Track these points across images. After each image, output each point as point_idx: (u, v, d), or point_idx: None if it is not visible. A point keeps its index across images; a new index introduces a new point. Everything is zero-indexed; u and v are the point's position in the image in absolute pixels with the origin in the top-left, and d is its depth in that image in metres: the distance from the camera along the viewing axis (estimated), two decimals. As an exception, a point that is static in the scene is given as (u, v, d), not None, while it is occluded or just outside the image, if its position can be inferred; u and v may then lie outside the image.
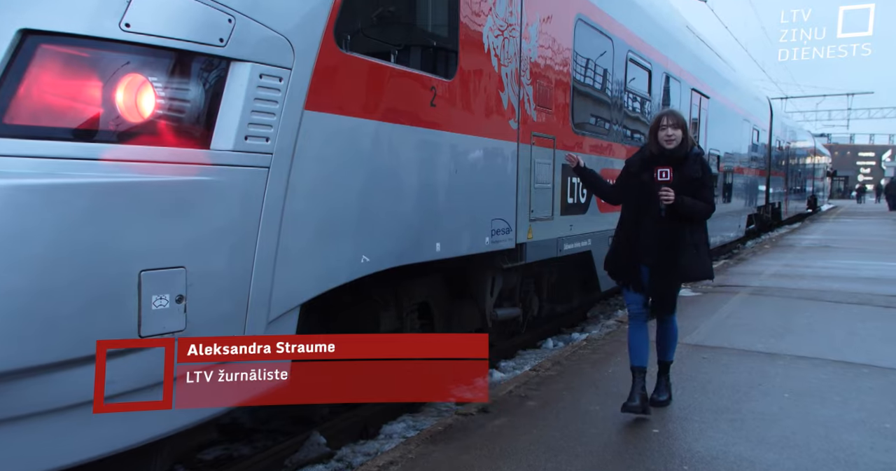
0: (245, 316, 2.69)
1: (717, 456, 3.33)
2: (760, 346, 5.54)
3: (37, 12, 2.26)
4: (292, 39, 2.78)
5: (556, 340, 6.87)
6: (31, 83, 2.25)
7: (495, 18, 4.37)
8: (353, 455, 3.96)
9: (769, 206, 18.89)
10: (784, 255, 12.79)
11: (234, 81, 2.58)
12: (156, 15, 2.40)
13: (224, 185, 2.56)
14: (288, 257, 2.82)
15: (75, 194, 2.19)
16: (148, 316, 2.34)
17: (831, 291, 8.29)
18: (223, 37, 2.53)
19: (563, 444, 3.42)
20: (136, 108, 2.40)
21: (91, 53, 2.35)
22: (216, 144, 2.55)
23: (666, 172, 3.62)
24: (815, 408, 4.06)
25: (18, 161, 2.16)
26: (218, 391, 2.35)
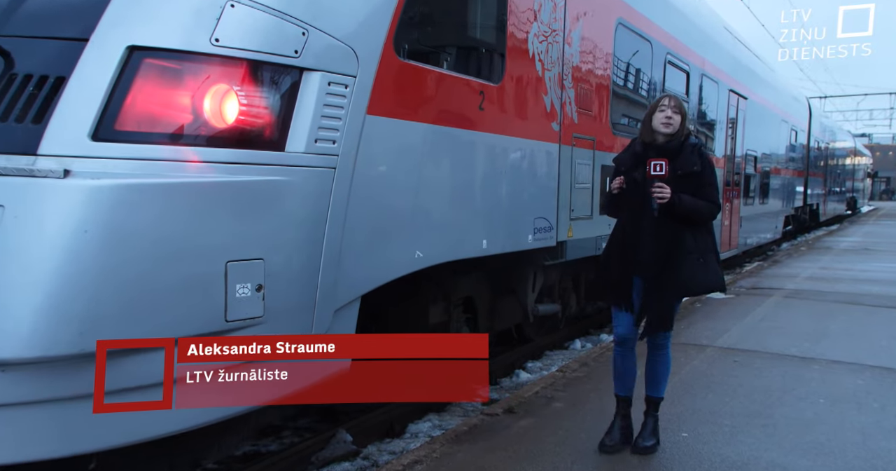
0: (314, 305, 2.90)
1: (748, 461, 3.26)
2: (795, 350, 5.41)
3: (141, 30, 2.50)
4: (357, 49, 3.00)
5: (584, 341, 6.81)
6: (137, 93, 2.48)
7: (540, 24, 4.53)
8: (378, 454, 3.97)
9: (807, 207, 18.78)
10: (821, 257, 12.48)
11: (307, 89, 2.80)
12: (241, 30, 2.63)
13: (296, 184, 2.78)
14: (351, 251, 3.03)
15: (172, 193, 2.44)
16: (233, 302, 2.57)
17: (870, 295, 8.07)
18: (297, 49, 2.76)
19: (590, 446, 3.38)
20: (222, 114, 2.62)
21: (185, 66, 2.58)
22: (290, 146, 2.76)
23: (660, 164, 3.09)
24: (852, 414, 3.95)
25: (126, 163, 2.41)
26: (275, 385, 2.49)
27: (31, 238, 2.23)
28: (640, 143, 3.31)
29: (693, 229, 3.18)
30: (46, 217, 2.24)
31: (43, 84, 2.45)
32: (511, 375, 5.62)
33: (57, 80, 2.44)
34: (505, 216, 4.33)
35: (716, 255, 3.28)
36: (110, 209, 2.30)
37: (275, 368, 2.39)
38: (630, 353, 3.36)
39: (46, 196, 2.25)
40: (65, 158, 2.35)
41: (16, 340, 2.17)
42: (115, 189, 2.32)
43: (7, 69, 2.48)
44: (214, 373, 2.30)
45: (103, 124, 2.43)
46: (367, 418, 4.35)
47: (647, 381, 3.38)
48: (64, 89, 2.42)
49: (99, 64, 2.45)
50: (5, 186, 2.25)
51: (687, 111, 3.28)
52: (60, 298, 2.21)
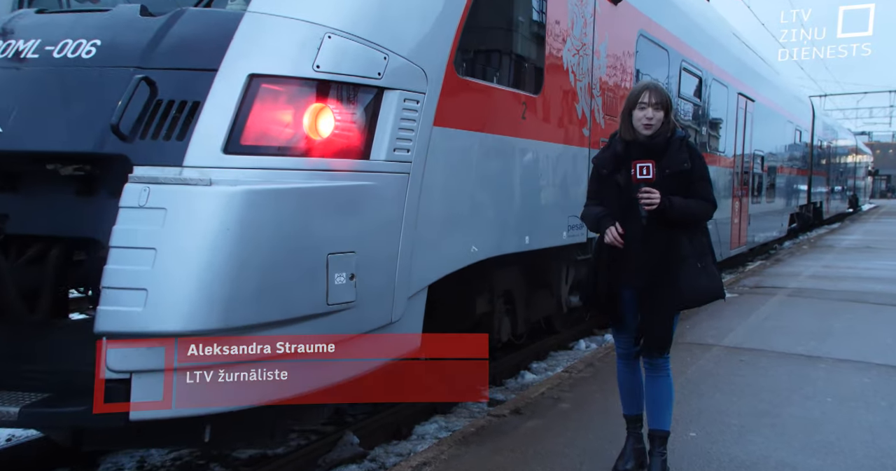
0: (393, 292, 3.32)
1: (757, 461, 3.25)
2: (801, 349, 5.40)
3: (259, 60, 2.96)
4: (426, 69, 3.43)
5: (588, 341, 6.80)
6: (256, 113, 2.93)
7: (573, 40, 5.02)
8: (386, 456, 3.96)
9: (811, 205, 19.07)
10: (823, 256, 12.47)
11: (387, 105, 3.22)
12: (336, 57, 3.06)
13: (379, 188, 3.20)
14: (420, 246, 3.44)
15: (286, 196, 2.88)
16: (332, 289, 2.98)
17: (874, 293, 8.06)
18: (380, 71, 3.19)
19: (598, 446, 3.37)
20: (321, 129, 3.05)
21: (294, 89, 3.02)
22: (374, 155, 3.18)
23: (647, 167, 2.80)
24: (860, 413, 3.94)
25: (249, 172, 2.86)
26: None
27: (187, 235, 2.67)
28: (620, 140, 2.98)
29: (688, 231, 2.91)
30: (198, 218, 2.69)
31: (183, 107, 2.92)
32: (516, 375, 5.61)
33: (193, 104, 2.90)
34: (544, 215, 4.81)
35: (712, 257, 2.99)
36: (244, 211, 2.75)
37: (344, 355, 2.86)
38: (636, 367, 3.10)
39: (197, 201, 2.71)
40: (204, 168, 2.80)
41: (176, 317, 2.60)
42: (247, 194, 2.77)
43: (153, 96, 2.93)
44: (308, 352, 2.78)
45: (232, 139, 2.87)
46: (374, 419, 4.34)
47: (647, 411, 3.06)
48: (201, 112, 2.88)
49: (227, 89, 2.90)
50: (165, 192, 2.71)
51: (671, 103, 2.95)
52: (210, 284, 2.65)
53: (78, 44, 3.07)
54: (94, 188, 3.08)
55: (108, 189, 3.00)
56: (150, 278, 2.60)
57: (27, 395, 2.76)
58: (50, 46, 3.10)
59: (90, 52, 3.04)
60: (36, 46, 3.11)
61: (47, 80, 3.04)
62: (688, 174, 2.91)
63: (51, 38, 3.13)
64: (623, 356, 3.11)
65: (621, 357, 3.12)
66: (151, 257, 2.61)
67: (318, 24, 3.05)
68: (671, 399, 3.02)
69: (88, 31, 3.12)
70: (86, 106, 2.96)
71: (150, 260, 2.61)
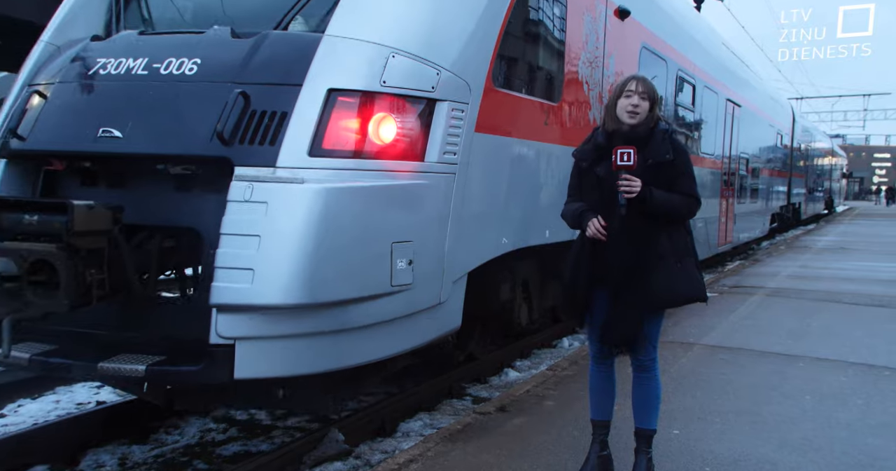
0: (441, 277, 3.78)
1: (739, 458, 3.30)
2: (779, 347, 5.50)
3: (336, 77, 3.43)
4: (469, 82, 3.90)
5: (571, 339, 6.85)
6: (334, 121, 3.38)
7: (586, 53, 5.59)
8: (371, 453, 3.96)
9: (790, 206, 19.75)
10: (800, 256, 12.68)
11: (438, 115, 3.70)
12: (399, 73, 3.53)
13: (432, 186, 3.67)
14: (463, 237, 3.89)
15: (358, 193, 3.33)
16: (395, 272, 3.43)
17: (849, 294, 8.22)
18: (433, 85, 3.67)
19: (583, 443, 3.38)
20: (385, 135, 3.50)
21: (364, 101, 3.46)
22: (428, 157, 3.64)
23: (628, 153, 2.68)
24: (838, 411, 4.02)
25: (329, 172, 3.30)
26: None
27: (285, 224, 3.11)
28: (602, 132, 2.92)
29: (668, 229, 2.81)
30: (293, 210, 3.13)
31: (273, 117, 3.35)
32: (500, 373, 5.64)
33: (282, 114, 3.34)
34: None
35: (695, 258, 2.88)
36: (329, 205, 3.19)
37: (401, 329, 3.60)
38: (608, 371, 3.02)
39: (293, 196, 3.15)
40: (293, 169, 3.24)
41: (274, 292, 3.05)
42: (331, 191, 3.22)
43: (247, 107, 3.37)
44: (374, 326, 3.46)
45: (314, 144, 3.31)
46: (358, 416, 4.34)
47: (634, 410, 2.99)
48: (289, 121, 3.32)
49: (310, 102, 3.35)
50: (266, 189, 3.16)
51: (658, 96, 2.91)
52: (303, 265, 3.09)
53: (181, 62, 3.57)
54: (192, 185, 3.57)
55: (204, 186, 3.51)
56: (256, 260, 3.06)
57: (147, 357, 3.23)
58: (157, 64, 3.59)
59: (192, 70, 3.53)
60: (144, 64, 3.61)
61: (157, 93, 3.52)
62: (671, 166, 2.83)
63: (157, 56, 3.62)
64: (596, 359, 3.02)
65: (594, 359, 3.04)
66: (256, 243, 3.07)
67: (385, 46, 3.54)
68: (658, 399, 2.97)
69: (189, 51, 3.61)
70: (191, 115, 3.42)
71: (255, 245, 3.07)
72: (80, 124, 3.55)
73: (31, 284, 3.03)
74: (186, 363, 3.16)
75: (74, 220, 3.01)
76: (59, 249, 3.01)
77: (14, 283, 3.01)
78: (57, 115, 3.67)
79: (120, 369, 3.16)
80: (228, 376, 3.10)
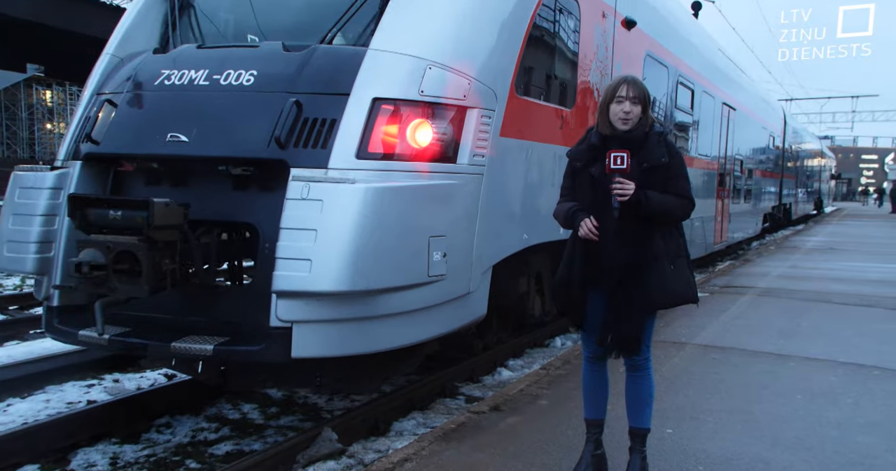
0: (470, 268, 4.09)
1: (731, 457, 3.32)
2: (770, 347, 5.53)
3: (380, 86, 3.77)
4: (496, 91, 4.26)
5: (564, 339, 6.87)
6: (377, 127, 3.71)
7: (597, 62, 5.95)
8: (364, 452, 3.95)
9: (781, 206, 20.17)
10: (789, 256, 12.77)
11: (469, 121, 4.04)
12: (435, 83, 3.89)
13: (462, 186, 4.00)
14: (488, 233, 4.19)
15: (401, 191, 3.63)
16: (431, 264, 3.74)
17: (838, 294, 8.28)
18: (465, 93, 4.02)
19: (577, 442, 3.40)
20: (423, 139, 3.84)
21: (404, 108, 3.80)
22: (459, 160, 3.99)
23: (621, 156, 2.69)
24: (828, 410, 4.05)
25: (373, 173, 3.62)
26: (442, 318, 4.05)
27: (338, 220, 3.40)
28: (596, 133, 2.90)
29: (662, 230, 2.81)
30: (346, 207, 3.42)
31: (324, 123, 3.71)
32: (493, 372, 5.64)
33: (331, 121, 3.70)
34: None
35: (687, 259, 2.89)
36: (376, 203, 3.47)
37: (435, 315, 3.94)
38: (601, 371, 3.03)
39: (345, 194, 3.43)
40: (344, 170, 3.58)
41: (329, 280, 3.35)
42: (377, 190, 3.50)
43: (300, 115, 3.73)
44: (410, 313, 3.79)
45: (361, 148, 3.65)
46: (352, 415, 4.33)
47: (628, 409, 2.99)
48: (338, 127, 3.67)
49: (357, 109, 3.71)
50: (321, 188, 3.46)
51: (650, 97, 2.87)
52: (354, 256, 3.38)
53: (239, 73, 3.93)
54: (248, 184, 3.90)
55: (259, 185, 3.86)
56: (313, 252, 3.36)
57: (212, 338, 3.60)
58: (217, 75, 3.96)
59: (249, 81, 3.90)
60: (205, 75, 3.98)
61: (218, 101, 3.89)
62: (665, 169, 2.81)
63: (216, 68, 3.99)
64: (590, 359, 3.02)
65: (588, 360, 3.03)
66: (313, 236, 3.38)
67: (423, 58, 3.89)
68: (651, 397, 2.97)
69: (245, 63, 3.98)
70: (250, 122, 3.77)
71: (312, 238, 3.38)
72: (151, 130, 3.92)
73: (116, 272, 3.45)
74: (248, 344, 3.53)
75: (154, 215, 3.40)
76: (141, 241, 3.44)
77: (101, 271, 3.43)
78: (128, 122, 4.06)
79: (190, 349, 3.54)
80: (286, 355, 3.46)
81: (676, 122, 8.72)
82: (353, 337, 3.65)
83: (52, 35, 15.60)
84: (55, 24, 14.93)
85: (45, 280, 4.01)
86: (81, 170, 4.11)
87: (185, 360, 4.10)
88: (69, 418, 4.26)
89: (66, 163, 4.19)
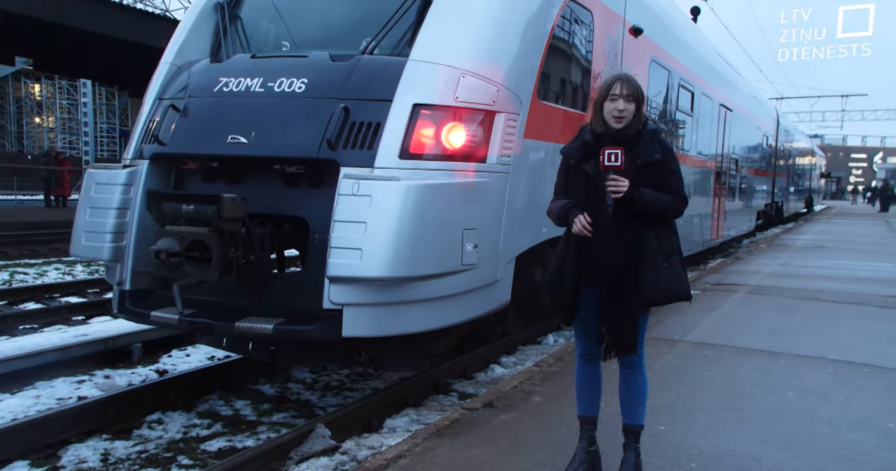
0: (497, 258, 4.47)
1: (723, 454, 3.34)
2: (762, 344, 5.56)
3: (419, 93, 4.14)
4: (521, 97, 4.65)
5: (556, 336, 6.88)
6: (416, 130, 4.08)
7: (608, 67, 6.26)
8: (357, 448, 3.94)
9: (774, 204, 20.64)
10: (780, 254, 12.84)
11: (497, 124, 4.41)
12: (468, 90, 4.26)
13: (492, 183, 4.38)
14: (514, 226, 4.55)
15: (438, 188, 4.00)
16: (465, 254, 4.11)
17: (828, 291, 8.34)
18: (494, 100, 4.39)
19: (571, 439, 3.40)
20: (456, 141, 4.21)
21: (441, 113, 4.17)
22: (489, 159, 4.36)
23: (615, 154, 2.69)
24: (819, 407, 4.08)
25: (413, 172, 3.97)
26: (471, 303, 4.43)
27: (385, 213, 3.74)
28: (590, 131, 2.90)
29: (656, 228, 2.82)
30: (391, 202, 3.76)
31: (369, 127, 4.09)
32: (486, 369, 5.65)
33: (376, 124, 4.07)
34: None
35: (680, 257, 2.89)
36: (418, 198, 3.83)
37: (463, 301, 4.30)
38: (595, 368, 3.02)
39: (390, 191, 3.78)
40: (388, 169, 3.94)
41: (378, 267, 3.70)
42: (419, 187, 3.86)
43: (347, 119, 4.11)
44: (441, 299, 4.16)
45: (403, 149, 4.02)
46: (345, 412, 4.32)
47: (621, 406, 2.99)
48: (382, 130, 4.04)
49: (399, 114, 4.08)
50: (369, 185, 3.79)
51: (644, 95, 2.88)
52: (400, 245, 3.72)
53: (291, 81, 4.31)
54: (298, 181, 4.27)
55: (308, 182, 4.24)
56: (363, 242, 3.69)
57: (270, 319, 3.95)
58: (271, 83, 4.34)
59: (301, 88, 4.28)
60: (260, 83, 4.37)
61: (273, 107, 4.26)
62: (659, 166, 2.82)
63: (270, 77, 4.37)
64: (584, 357, 3.02)
65: (582, 358, 3.03)
66: (364, 228, 3.71)
67: (457, 68, 4.25)
68: (645, 395, 2.97)
69: (296, 72, 4.34)
70: (303, 125, 4.14)
71: (363, 230, 3.71)
72: (212, 132, 4.30)
73: (189, 259, 3.85)
74: (304, 324, 3.89)
75: (224, 209, 3.80)
76: (211, 231, 3.83)
77: (176, 258, 3.83)
78: (192, 125, 4.44)
79: (253, 328, 3.89)
80: (338, 334, 3.83)
81: (678, 122, 9.11)
82: (395, 319, 4.00)
83: (41, 28, 15.44)
84: (44, 17, 14.79)
85: (119, 266, 4.41)
86: (149, 168, 4.51)
87: (236, 340, 4.49)
88: (59, 414, 4.23)
89: (133, 162, 4.60)
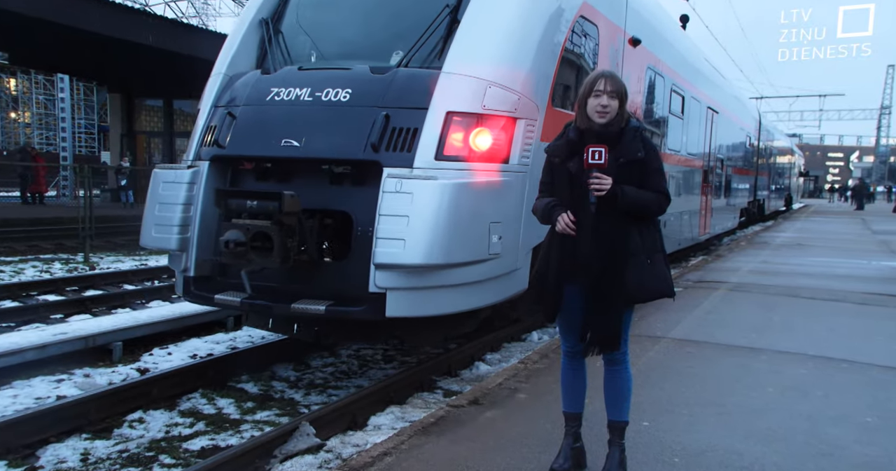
0: (517, 249, 4.98)
1: (706, 449, 3.37)
2: (743, 341, 5.62)
3: (451, 102, 4.65)
4: (538, 104, 5.15)
5: (541, 333, 6.90)
6: (448, 134, 4.59)
7: None
8: (342, 446, 3.93)
9: (756, 201, 21.34)
10: (760, 252, 12.99)
11: (518, 129, 4.93)
12: (493, 99, 4.76)
13: (514, 182, 4.86)
14: (531, 221, 4.70)
15: (469, 186, 4.49)
16: (491, 244, 4.62)
17: (808, 288, 8.45)
18: (516, 107, 4.89)
19: (556, 436, 3.42)
20: (483, 144, 4.72)
21: (470, 120, 4.69)
22: (511, 161, 4.87)
23: (599, 151, 2.70)
24: (799, 402, 4.13)
25: (448, 172, 4.47)
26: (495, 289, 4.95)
27: (424, 209, 4.23)
28: (574, 129, 2.92)
29: (639, 225, 2.84)
30: (430, 199, 4.25)
31: (408, 132, 4.60)
32: (471, 366, 5.65)
33: (414, 130, 4.58)
34: None
35: (663, 254, 2.91)
36: (453, 195, 4.32)
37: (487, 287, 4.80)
38: (580, 365, 3.06)
39: (429, 189, 4.28)
40: (426, 169, 4.44)
41: (419, 255, 4.20)
42: (454, 185, 4.37)
43: (388, 125, 4.62)
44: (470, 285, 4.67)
45: (438, 151, 4.54)
46: (329, 410, 4.31)
47: (606, 402, 3.00)
48: (420, 135, 4.56)
49: (434, 120, 4.59)
50: (411, 183, 4.30)
51: (627, 93, 2.90)
52: (437, 236, 4.23)
53: (336, 91, 4.81)
54: (343, 180, 4.78)
55: (352, 181, 4.76)
56: (406, 233, 4.18)
57: (321, 301, 4.43)
58: (318, 93, 4.85)
59: (346, 97, 4.78)
60: (308, 92, 4.87)
61: (321, 114, 4.76)
62: (642, 164, 2.84)
63: (317, 87, 4.87)
64: (568, 354, 3.04)
65: (566, 355, 3.05)
66: (406, 221, 4.20)
67: (484, 79, 4.75)
68: (630, 391, 2.99)
69: (340, 83, 4.85)
70: (349, 130, 4.65)
71: (405, 223, 4.20)
72: (267, 136, 4.81)
73: (252, 248, 4.35)
74: (352, 305, 4.37)
75: (284, 204, 4.29)
76: (273, 224, 4.33)
77: (242, 248, 4.33)
78: (248, 130, 4.95)
79: (307, 309, 4.38)
80: (382, 314, 4.31)
81: (670, 125, 9.69)
82: (430, 301, 4.47)
83: (17, 22, 15.16)
84: (21, 11, 14.53)
85: (184, 255, 4.90)
86: (209, 168, 5.02)
87: (284, 321, 4.99)
88: (38, 413, 4.17)
89: (194, 163, 5.12)
